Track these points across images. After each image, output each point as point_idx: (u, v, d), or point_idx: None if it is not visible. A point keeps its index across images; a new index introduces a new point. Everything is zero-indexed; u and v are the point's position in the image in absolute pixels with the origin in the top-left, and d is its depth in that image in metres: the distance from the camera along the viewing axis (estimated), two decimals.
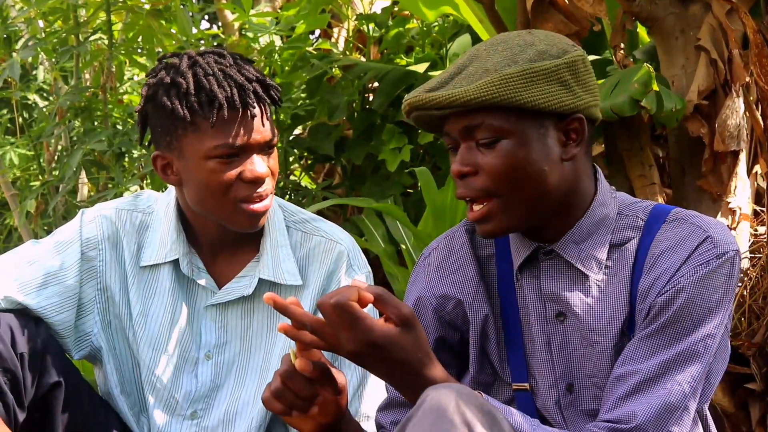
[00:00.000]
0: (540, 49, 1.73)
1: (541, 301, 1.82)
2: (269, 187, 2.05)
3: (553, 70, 1.71)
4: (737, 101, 2.91)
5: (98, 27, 3.81)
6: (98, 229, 2.14)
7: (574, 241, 1.80)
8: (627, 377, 1.72)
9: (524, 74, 1.69)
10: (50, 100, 4.28)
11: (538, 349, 1.83)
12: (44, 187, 3.74)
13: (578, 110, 1.74)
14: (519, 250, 1.83)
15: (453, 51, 3.96)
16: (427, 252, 1.96)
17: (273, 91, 2.06)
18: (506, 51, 1.73)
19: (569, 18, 3.12)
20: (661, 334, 1.73)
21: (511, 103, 1.69)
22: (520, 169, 1.72)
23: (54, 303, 2.07)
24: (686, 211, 1.82)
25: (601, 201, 1.81)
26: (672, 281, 1.74)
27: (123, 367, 2.16)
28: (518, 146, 1.72)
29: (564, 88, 1.72)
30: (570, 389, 1.82)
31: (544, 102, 1.70)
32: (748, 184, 2.97)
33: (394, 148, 3.60)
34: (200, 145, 2.00)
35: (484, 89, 1.68)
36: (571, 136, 1.76)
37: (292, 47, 3.86)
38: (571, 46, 1.76)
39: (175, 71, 2.03)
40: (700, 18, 2.97)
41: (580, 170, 1.79)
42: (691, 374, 1.72)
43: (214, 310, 2.14)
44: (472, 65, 1.73)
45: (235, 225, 2.06)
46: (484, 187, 1.74)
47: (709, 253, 1.74)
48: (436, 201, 3.13)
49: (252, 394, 2.12)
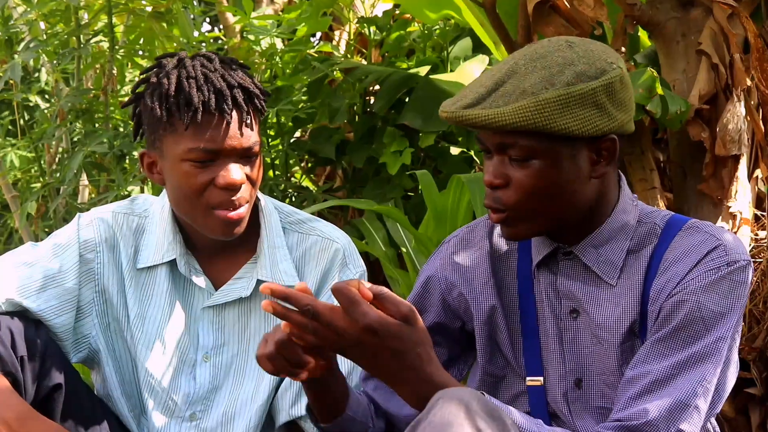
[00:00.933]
0: (579, 70, 1.73)
1: (557, 298, 1.87)
2: (245, 195, 2.04)
3: (590, 94, 1.72)
4: (738, 105, 2.91)
5: (100, 29, 3.81)
6: (95, 231, 2.14)
7: (594, 245, 1.84)
8: (639, 378, 1.75)
9: (560, 100, 1.70)
10: (51, 102, 4.28)
11: (551, 342, 1.88)
12: (45, 189, 3.74)
13: (612, 131, 1.76)
14: (539, 248, 1.88)
15: (454, 54, 3.96)
16: (449, 239, 2.02)
17: (257, 99, 2.05)
18: (545, 70, 1.73)
19: (570, 22, 3.12)
20: (672, 338, 1.76)
21: (545, 129, 1.71)
22: (549, 187, 1.76)
23: (53, 306, 2.07)
24: (702, 221, 1.86)
25: (623, 208, 1.85)
26: (681, 284, 1.77)
27: (122, 369, 2.17)
28: (549, 166, 1.75)
29: (599, 112, 1.74)
30: (579, 384, 1.86)
31: (577, 129, 1.72)
32: (748, 189, 2.97)
33: (395, 151, 3.60)
34: (176, 147, 2.00)
35: (519, 114, 1.70)
36: (603, 154, 1.78)
37: (294, 50, 3.86)
38: (609, 64, 1.76)
39: (162, 72, 2.04)
40: (701, 22, 2.97)
41: (607, 184, 1.83)
42: (702, 375, 1.74)
43: (212, 312, 2.14)
44: (510, 82, 1.74)
45: (209, 231, 2.05)
46: (509, 201, 1.78)
47: (719, 260, 1.78)
48: (437, 204, 3.13)
49: (250, 394, 2.13)
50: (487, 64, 3.87)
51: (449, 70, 3.92)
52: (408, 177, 3.63)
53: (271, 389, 2.12)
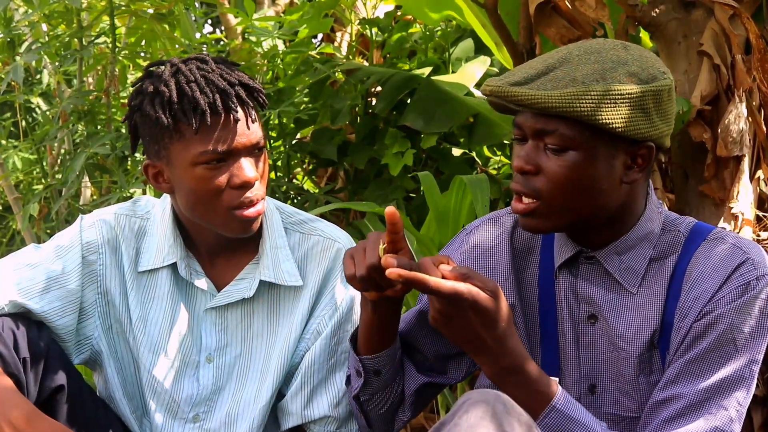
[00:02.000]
0: (632, 70, 1.73)
1: (576, 301, 1.87)
2: (260, 192, 2.05)
3: (639, 96, 1.72)
4: (740, 106, 2.91)
5: (102, 31, 3.81)
6: (98, 233, 2.14)
7: (617, 252, 1.83)
8: (671, 402, 1.75)
9: (610, 94, 1.70)
10: (53, 104, 4.29)
11: (568, 345, 1.88)
12: (47, 191, 3.74)
13: (651, 139, 1.75)
14: (562, 250, 1.88)
15: (456, 55, 3.97)
16: (470, 228, 2.01)
17: (257, 94, 2.06)
18: (597, 64, 1.73)
19: (572, 23, 3.12)
20: (704, 360, 1.75)
21: (589, 119, 1.70)
22: (580, 181, 1.75)
23: (56, 307, 2.07)
24: (726, 231, 1.85)
25: (649, 217, 1.84)
26: (712, 303, 1.76)
27: (125, 371, 2.17)
28: (585, 160, 1.74)
29: (644, 116, 1.73)
30: (592, 390, 1.86)
31: (621, 126, 1.71)
32: (750, 190, 2.97)
33: (396, 152, 3.60)
34: (186, 153, 2.00)
35: (567, 99, 1.69)
36: (637, 161, 1.77)
37: (295, 51, 3.87)
38: (661, 73, 1.76)
39: (158, 80, 2.03)
40: (703, 23, 2.97)
41: (637, 192, 1.82)
42: (736, 399, 1.74)
43: (214, 313, 2.14)
44: (561, 69, 1.73)
45: (228, 231, 2.06)
46: (539, 189, 1.76)
47: (749, 274, 1.77)
48: (439, 205, 3.12)
49: (253, 394, 2.13)
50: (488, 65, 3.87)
51: (451, 72, 3.92)
52: (410, 178, 3.63)
53: (274, 390, 2.12)
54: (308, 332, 2.13)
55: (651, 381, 1.82)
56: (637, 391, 1.83)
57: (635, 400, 1.83)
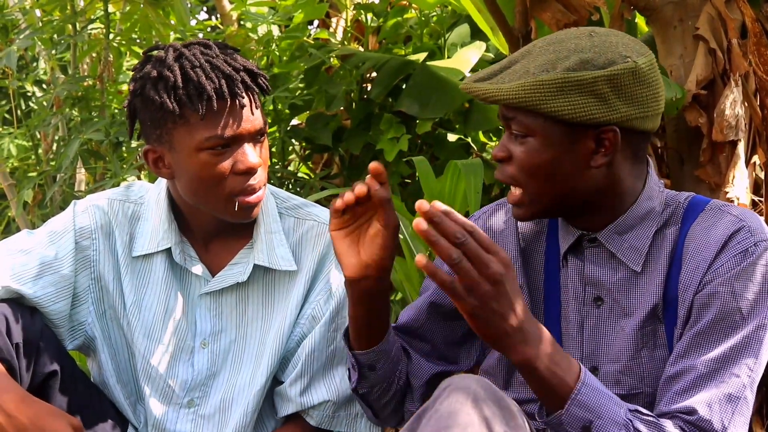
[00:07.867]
0: (585, 57, 1.75)
1: (582, 284, 1.89)
2: (262, 177, 2.04)
3: (590, 82, 1.74)
4: (736, 91, 2.90)
5: (96, 17, 3.80)
6: (91, 219, 2.14)
7: (618, 232, 1.86)
8: (682, 375, 1.76)
9: (556, 83, 1.74)
10: (47, 90, 4.27)
11: (571, 328, 1.90)
12: (41, 177, 3.74)
13: (613, 123, 1.76)
14: (565, 236, 1.91)
15: (451, 41, 3.95)
16: (478, 214, 2.05)
17: (261, 80, 2.05)
18: (553, 54, 1.77)
19: (567, 7, 3.11)
20: (711, 331, 1.76)
21: (537, 109, 1.75)
22: (542, 167, 1.80)
23: (50, 293, 2.07)
24: (722, 202, 1.88)
25: (648, 196, 1.86)
26: (711, 273, 1.78)
27: (119, 357, 2.16)
28: (543, 147, 1.79)
29: (598, 101, 1.75)
30: (594, 372, 1.87)
31: (569, 113, 1.75)
32: (746, 174, 2.96)
33: (392, 137, 3.59)
34: (191, 138, 1.99)
35: (514, 92, 1.75)
36: (604, 144, 1.79)
37: (290, 37, 3.85)
38: (623, 57, 1.76)
39: (162, 65, 2.01)
40: (699, 7, 2.96)
41: (619, 174, 1.83)
42: (747, 365, 1.75)
43: (209, 298, 2.14)
44: (521, 62, 1.80)
45: (229, 216, 2.05)
46: (512, 175, 1.83)
47: (746, 241, 1.78)
48: (434, 191, 3.12)
49: (247, 380, 2.13)
50: (484, 51, 3.86)
51: (446, 57, 3.91)
52: (405, 164, 3.62)
53: (269, 375, 2.12)
54: (303, 317, 2.13)
55: (655, 356, 1.83)
56: (639, 365, 1.84)
57: (636, 375, 1.84)
